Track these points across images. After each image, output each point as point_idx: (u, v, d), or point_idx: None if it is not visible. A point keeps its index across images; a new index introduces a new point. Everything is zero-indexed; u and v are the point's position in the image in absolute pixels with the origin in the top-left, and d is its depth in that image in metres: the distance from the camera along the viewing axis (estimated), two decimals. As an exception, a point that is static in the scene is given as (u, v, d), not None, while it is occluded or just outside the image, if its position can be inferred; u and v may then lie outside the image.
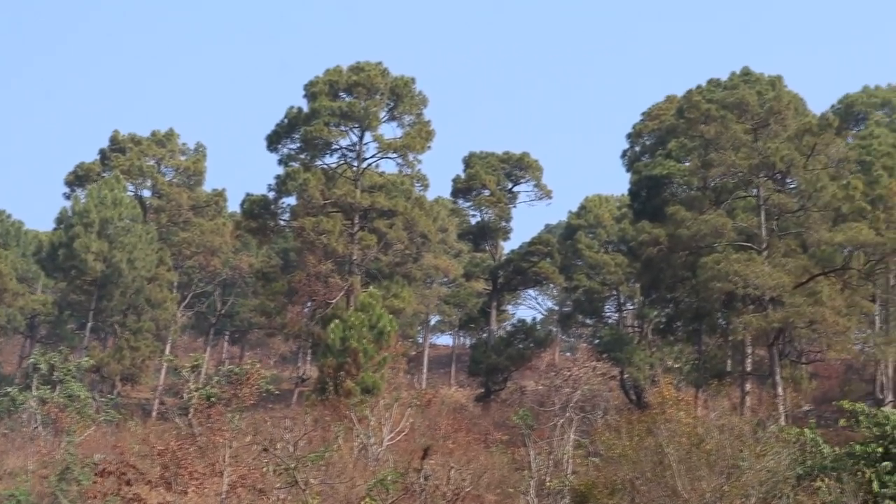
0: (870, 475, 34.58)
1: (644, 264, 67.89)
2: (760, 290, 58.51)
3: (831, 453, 36.50)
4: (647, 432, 35.36)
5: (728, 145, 62.43)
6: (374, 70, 72.23)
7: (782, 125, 63.22)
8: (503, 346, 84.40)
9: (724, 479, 32.97)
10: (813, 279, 59.88)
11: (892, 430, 35.65)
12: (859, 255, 62.16)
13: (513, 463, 46.94)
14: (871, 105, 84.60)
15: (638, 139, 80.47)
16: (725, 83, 68.86)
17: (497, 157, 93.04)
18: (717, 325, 67.74)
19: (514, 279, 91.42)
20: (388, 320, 55.35)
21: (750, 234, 62.63)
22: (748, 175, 62.80)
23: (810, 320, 58.11)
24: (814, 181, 61.22)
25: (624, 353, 72.04)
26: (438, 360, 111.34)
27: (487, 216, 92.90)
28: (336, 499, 35.05)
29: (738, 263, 58.37)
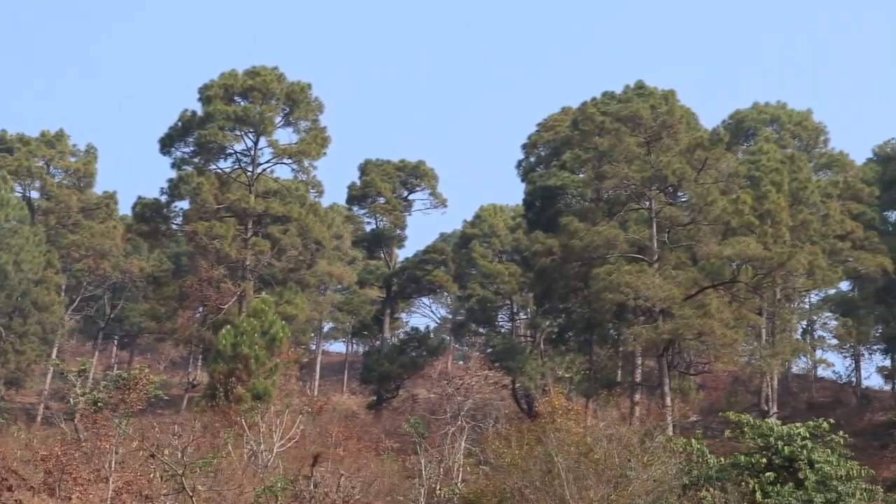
0: (753, 485, 35.10)
1: (537, 274, 68.32)
2: (651, 302, 59.15)
3: (717, 463, 36.94)
4: (537, 441, 35.55)
5: (621, 158, 63.10)
6: (270, 75, 71.79)
7: (674, 139, 64.06)
8: (396, 353, 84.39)
9: (612, 489, 33.26)
10: (702, 291, 60.75)
11: (775, 441, 36.23)
12: (747, 268, 63.20)
13: (403, 471, 46.87)
14: (760, 121, 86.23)
15: (533, 150, 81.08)
16: (620, 96, 69.66)
17: (393, 164, 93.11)
18: (608, 336, 68.42)
19: (409, 287, 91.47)
20: (281, 326, 54.95)
21: (642, 246, 63.34)
22: (641, 187, 63.51)
23: (699, 332, 58.87)
24: (704, 195, 62.10)
25: (516, 363, 72.45)
26: (331, 368, 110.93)
27: (382, 224, 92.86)
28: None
29: (630, 275, 58.95)
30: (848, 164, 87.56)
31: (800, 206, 73.47)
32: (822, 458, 36.04)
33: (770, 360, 66.31)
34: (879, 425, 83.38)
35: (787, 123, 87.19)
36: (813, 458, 35.91)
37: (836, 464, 36.09)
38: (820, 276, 70.87)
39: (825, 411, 71.88)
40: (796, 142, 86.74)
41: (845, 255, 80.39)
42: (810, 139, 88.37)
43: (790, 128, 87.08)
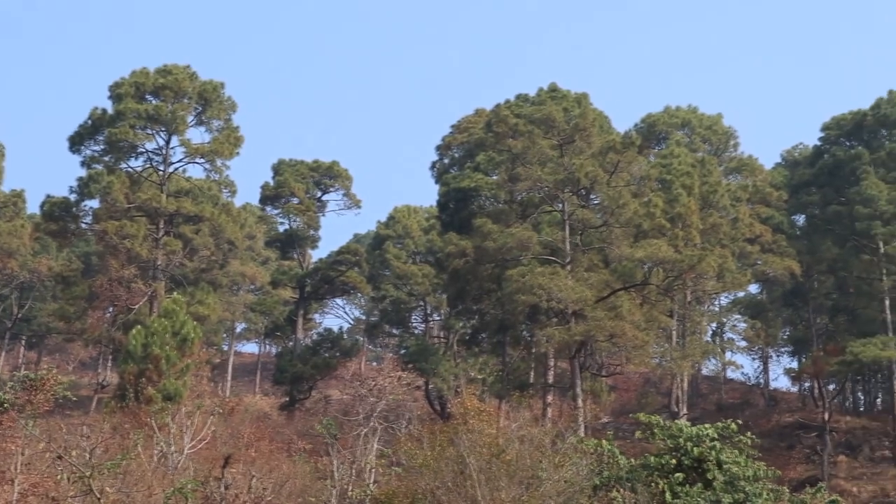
0: (663, 486, 35.38)
1: (451, 276, 68.42)
2: (564, 304, 59.44)
3: (627, 464, 37.19)
4: (450, 442, 35.54)
5: (535, 160, 63.41)
6: (182, 73, 71.10)
7: (587, 142, 64.52)
8: (309, 354, 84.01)
9: (524, 490, 33.36)
10: (614, 294, 61.21)
11: (685, 442, 36.56)
12: (658, 271, 63.81)
13: (316, 472, 46.59)
14: (672, 125, 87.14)
15: (447, 151, 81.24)
16: (533, 99, 69.99)
17: (307, 165, 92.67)
18: (521, 338, 68.72)
19: (322, 288, 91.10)
20: (193, 327, 54.46)
21: (554, 248, 63.69)
22: (554, 190, 63.86)
23: (611, 334, 59.29)
24: (616, 198, 62.59)
25: (429, 364, 72.46)
26: (243, 368, 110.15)
27: (296, 224, 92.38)
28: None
29: (543, 277, 59.20)
30: (757, 168, 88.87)
31: (710, 210, 74.41)
32: (730, 458, 36.44)
33: (680, 362, 67.04)
34: (786, 426, 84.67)
35: (698, 127, 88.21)
36: (721, 458, 36.30)
37: (744, 464, 36.52)
38: (729, 279, 71.85)
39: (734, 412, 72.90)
40: (707, 146, 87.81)
41: (754, 259, 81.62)
42: (720, 143, 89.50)
43: (701, 132, 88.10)
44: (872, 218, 74.93)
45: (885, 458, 77.69)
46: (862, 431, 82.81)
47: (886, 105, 79.19)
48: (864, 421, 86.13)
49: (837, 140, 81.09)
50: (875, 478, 75.16)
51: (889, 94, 79.88)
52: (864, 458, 79.08)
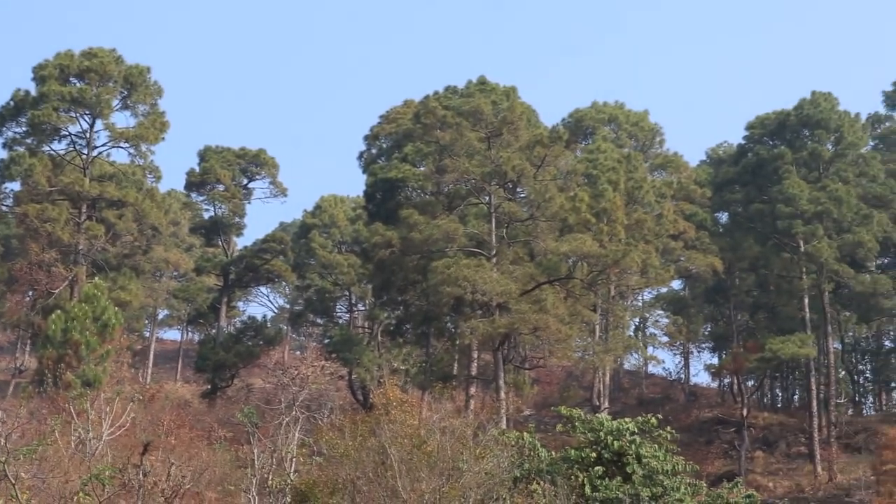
0: (583, 479, 35.51)
1: (376, 266, 68.29)
2: (488, 296, 59.56)
3: (548, 457, 37.26)
4: (371, 433, 35.43)
5: (462, 152, 63.44)
6: (108, 56, 70.29)
7: (515, 135, 64.63)
8: (232, 342, 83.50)
9: (444, 481, 33.33)
10: (538, 287, 61.40)
11: (605, 435, 36.72)
12: (583, 265, 64.18)
13: (236, 460, 46.34)
14: (599, 120, 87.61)
15: (375, 141, 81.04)
16: (462, 91, 70.08)
17: (233, 152, 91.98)
18: (445, 329, 68.77)
19: (246, 276, 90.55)
20: (114, 313, 53.93)
21: (480, 240, 63.79)
22: (481, 182, 63.93)
23: (535, 327, 59.47)
24: (543, 192, 62.81)
25: (353, 354, 72.34)
26: (165, 355, 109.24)
27: (221, 211, 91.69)
28: (49, 494, 33.77)
29: (468, 269, 59.26)
30: (682, 165, 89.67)
31: (635, 206, 74.98)
32: (649, 452, 36.65)
33: (603, 356, 67.49)
34: (706, 421, 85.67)
35: (625, 124, 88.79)
36: (641, 452, 36.50)
37: (663, 459, 36.76)
38: (653, 275, 72.42)
39: (655, 407, 73.78)
40: (633, 142, 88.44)
41: (677, 255, 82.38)
42: (646, 140, 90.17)
43: (627, 128, 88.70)
44: (793, 217, 75.90)
45: (801, 454, 78.87)
46: (779, 427, 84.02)
47: (809, 106, 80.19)
48: (781, 417, 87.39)
49: (761, 139, 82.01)
50: (791, 473, 76.31)
51: (812, 95, 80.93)
52: (781, 453, 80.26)
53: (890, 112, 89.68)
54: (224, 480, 41.82)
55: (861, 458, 74.51)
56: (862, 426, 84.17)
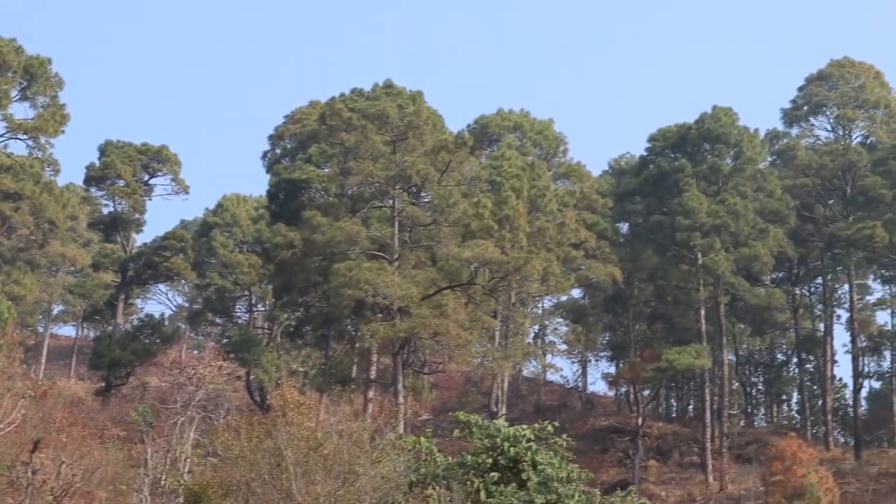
0: (478, 485, 35.61)
1: (278, 267, 67.86)
2: (389, 300, 59.52)
3: (444, 462, 37.33)
4: (267, 434, 35.17)
5: (367, 155, 63.33)
6: (7, 46, 68.98)
7: (420, 140, 64.70)
8: (128, 340, 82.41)
9: (340, 484, 33.22)
10: (440, 292, 61.51)
11: (502, 441, 36.87)
12: (485, 271, 64.39)
13: (129, 460, 45.70)
14: (504, 127, 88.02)
15: (279, 141, 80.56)
16: (368, 94, 69.93)
17: (135, 147, 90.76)
18: (345, 332, 68.57)
19: (145, 273, 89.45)
20: (7, 307, 52.67)
21: (383, 243, 63.72)
22: (385, 186, 63.88)
23: (435, 332, 59.57)
24: (446, 197, 62.93)
25: (251, 354, 71.81)
26: (59, 352, 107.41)
27: (121, 207, 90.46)
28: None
29: (370, 272, 59.18)
30: (585, 174, 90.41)
31: (537, 213, 75.41)
32: (545, 460, 36.88)
33: (502, 363, 67.78)
34: (601, 430, 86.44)
35: (530, 132, 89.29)
36: (536, 459, 36.72)
37: (558, 466, 37.01)
38: (553, 283, 72.91)
39: (552, 414, 74.16)
40: (537, 150, 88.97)
41: (578, 263, 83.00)
42: (551, 148, 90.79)
43: (532, 136, 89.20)
44: (692, 229, 76.84)
45: (694, 463, 79.90)
46: (673, 437, 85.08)
47: (710, 120, 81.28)
48: (675, 427, 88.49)
49: (662, 151, 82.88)
50: (683, 483, 77.29)
51: (713, 110, 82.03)
52: (674, 463, 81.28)
53: (787, 129, 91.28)
54: (116, 480, 41.26)
55: (751, 469, 75.68)
56: (753, 437, 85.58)
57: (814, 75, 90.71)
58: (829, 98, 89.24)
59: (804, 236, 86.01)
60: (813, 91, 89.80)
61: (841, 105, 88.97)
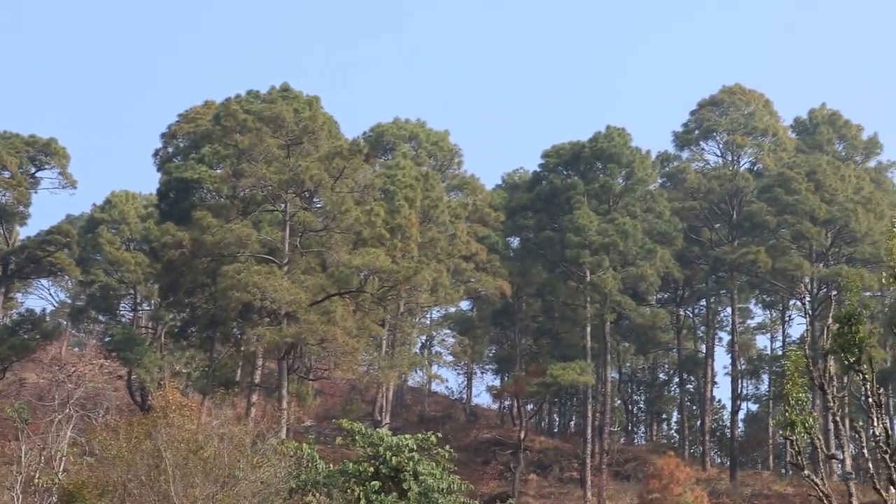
0: (359, 493, 35.56)
1: (165, 266, 66.96)
2: (277, 304, 59.17)
3: (325, 469, 37.22)
4: (147, 435, 34.73)
5: (261, 158, 62.94)
6: None
7: (315, 145, 64.47)
8: (7, 335, 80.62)
9: (219, 488, 32.94)
10: (328, 298, 61.30)
11: (384, 451, 36.86)
12: (374, 279, 64.34)
13: (2, 457, 44.84)
14: (400, 136, 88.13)
15: (172, 140, 79.53)
16: (264, 96, 69.48)
17: (22, 139, 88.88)
18: (231, 335, 67.94)
19: (27, 267, 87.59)
20: None
21: (273, 247, 63.33)
22: (277, 189, 63.51)
23: (322, 338, 59.35)
24: (339, 203, 62.77)
25: (134, 354, 70.67)
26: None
27: (5, 198, 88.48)
28: None
29: (259, 275, 58.79)
30: (478, 187, 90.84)
31: (429, 224, 75.59)
32: (426, 470, 36.95)
33: (387, 372, 67.78)
34: (484, 442, 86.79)
35: (425, 142, 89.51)
36: (418, 469, 36.76)
37: (440, 477, 37.08)
38: (442, 294, 73.10)
39: (435, 425, 74.25)
40: (432, 161, 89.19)
41: (468, 276, 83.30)
42: (445, 160, 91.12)
43: (427, 146, 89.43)
44: (582, 247, 77.61)
45: (573, 478, 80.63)
46: (554, 452, 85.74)
47: (604, 139, 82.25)
48: (557, 442, 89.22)
49: (556, 168, 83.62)
50: (562, 497, 77.93)
51: (607, 129, 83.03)
52: (554, 477, 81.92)
53: (678, 152, 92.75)
54: (-13, 477, 40.38)
55: (629, 486, 76.62)
56: (633, 455, 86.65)
57: (706, 100, 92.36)
58: (719, 123, 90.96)
59: (690, 258, 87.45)
60: (704, 116, 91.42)
61: (730, 131, 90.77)
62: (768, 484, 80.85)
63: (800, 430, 24.31)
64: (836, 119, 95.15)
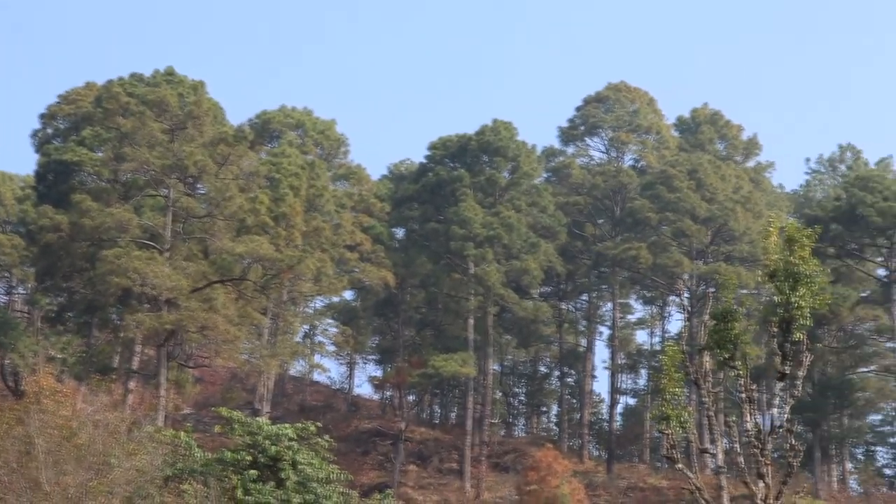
0: (236, 482, 35.31)
1: (42, 249, 65.67)
2: (158, 290, 58.44)
3: (203, 458, 36.90)
4: (19, 421, 34.08)
5: (143, 142, 62.08)
6: None
7: (199, 130, 63.78)
8: None
9: (93, 475, 32.44)
10: (210, 286, 60.72)
11: (263, 440, 36.67)
12: (257, 267, 63.88)
13: None
14: (286, 124, 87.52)
15: (51, 121, 77.85)
16: (148, 80, 68.52)
17: None
18: (109, 320, 66.94)
19: None
20: None
21: (155, 233, 62.51)
22: (160, 174, 62.68)
23: (203, 325, 58.79)
24: (223, 190, 62.19)
25: (8, 338, 69.13)
26: None
27: None
28: None
29: (139, 261, 58.01)
30: (364, 177, 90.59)
31: (314, 213, 75.18)
32: (305, 459, 36.85)
33: (269, 360, 67.35)
34: (364, 432, 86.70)
35: (312, 131, 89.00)
36: (297, 459, 36.65)
37: (318, 466, 37.01)
38: (326, 283, 72.80)
39: (316, 415, 73.97)
40: (318, 150, 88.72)
41: (352, 266, 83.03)
42: (332, 149, 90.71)
43: (314, 135, 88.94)
44: (466, 239, 77.92)
45: (453, 469, 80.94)
46: (434, 443, 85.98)
47: (490, 133, 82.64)
48: (437, 433, 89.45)
49: (442, 160, 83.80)
50: (441, 488, 78.18)
51: (494, 123, 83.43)
52: (433, 468, 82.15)
53: (564, 147, 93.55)
54: None
55: (508, 478, 77.12)
56: (512, 447, 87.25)
57: (591, 97, 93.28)
58: (604, 120, 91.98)
59: (573, 253, 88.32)
60: (590, 112, 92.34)
61: (615, 128, 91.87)
62: (643, 477, 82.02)
63: (674, 425, 24.71)
64: (718, 119, 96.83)
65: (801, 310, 23.92)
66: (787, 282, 24.07)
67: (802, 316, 23.96)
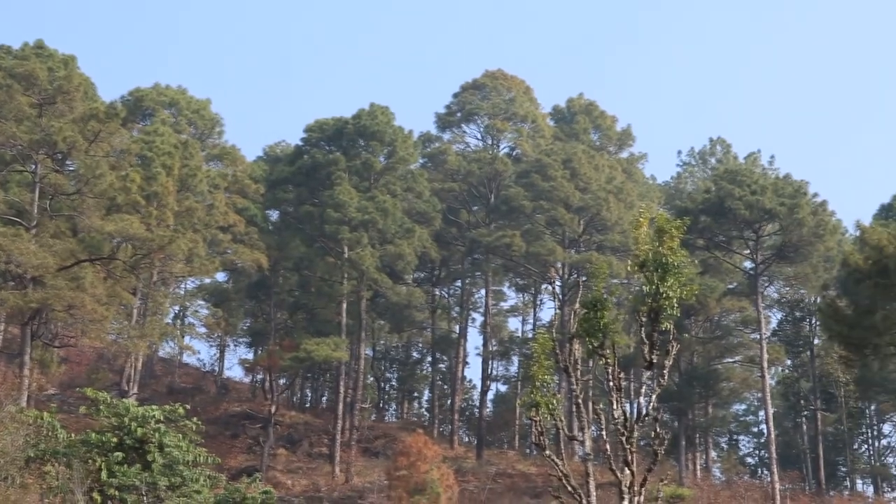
0: (101, 464, 34.84)
1: None
2: (23, 268, 57.19)
3: (66, 439, 36.31)
4: None
5: (10, 116, 60.67)
6: None
7: (69, 106, 62.48)
8: None
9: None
10: (78, 264, 59.60)
11: (129, 421, 36.21)
12: (127, 247, 62.97)
13: None
14: (160, 102, 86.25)
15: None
16: (17, 52, 67.01)
17: None
18: (-29, 298, 65.30)
19: None
20: None
21: (21, 209, 61.13)
22: (27, 150, 61.29)
23: (69, 305, 57.67)
24: (93, 167, 61.08)
25: None
26: None
27: None
28: None
29: (4, 238, 56.73)
30: (239, 158, 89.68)
31: (187, 193, 74.22)
32: (172, 442, 36.49)
33: (137, 341, 66.39)
34: (234, 415, 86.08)
35: (186, 110, 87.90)
36: (164, 441, 36.28)
37: (185, 449, 36.67)
38: (198, 264, 71.96)
39: (185, 397, 73.26)
40: (192, 129, 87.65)
41: (225, 247, 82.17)
42: (206, 128, 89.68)
43: (188, 114, 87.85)
44: (341, 223, 77.73)
45: (322, 454, 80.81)
46: (304, 427, 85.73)
47: (367, 117, 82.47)
48: (307, 417, 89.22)
49: (318, 143, 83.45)
50: (310, 472, 78.02)
51: (371, 107, 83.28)
52: (303, 452, 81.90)
53: (440, 133, 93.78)
54: None
55: (378, 463, 77.25)
56: (383, 432, 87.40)
57: (469, 84, 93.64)
58: (480, 107, 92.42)
59: (448, 239, 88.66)
60: (467, 99, 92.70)
61: (491, 115, 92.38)
62: (513, 463, 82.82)
63: (544, 412, 24.90)
64: (593, 109, 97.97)
65: (669, 300, 24.23)
66: (656, 272, 24.36)
67: (670, 306, 24.28)
